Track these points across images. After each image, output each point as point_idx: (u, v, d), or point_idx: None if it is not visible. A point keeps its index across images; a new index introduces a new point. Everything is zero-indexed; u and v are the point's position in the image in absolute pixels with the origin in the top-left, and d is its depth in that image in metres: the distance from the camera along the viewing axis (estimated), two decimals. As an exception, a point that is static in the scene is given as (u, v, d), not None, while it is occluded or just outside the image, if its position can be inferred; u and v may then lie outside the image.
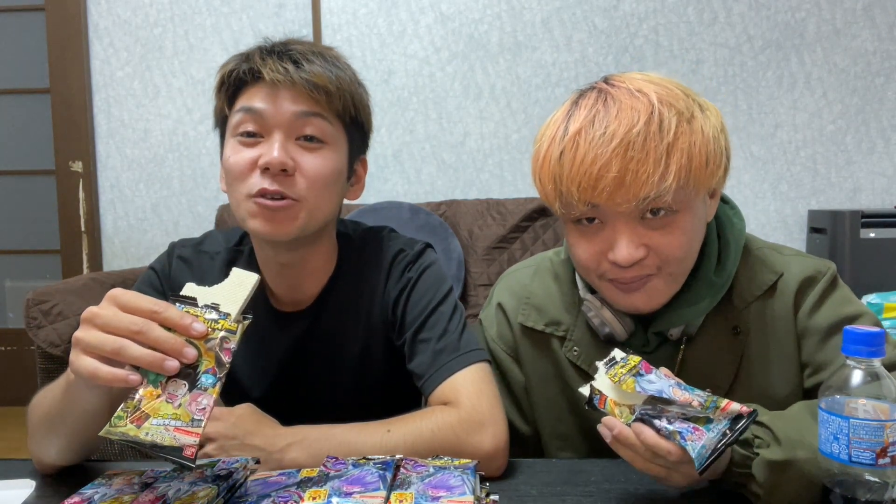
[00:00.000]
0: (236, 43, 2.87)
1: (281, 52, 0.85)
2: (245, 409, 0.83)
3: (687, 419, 0.65)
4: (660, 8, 2.72)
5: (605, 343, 0.87)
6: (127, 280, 2.08)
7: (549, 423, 0.92)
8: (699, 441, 0.62)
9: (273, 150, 0.82)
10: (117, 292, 0.66)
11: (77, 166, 2.96)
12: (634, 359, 0.71)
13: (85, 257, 2.98)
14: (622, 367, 0.70)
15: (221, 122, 0.90)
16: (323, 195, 0.86)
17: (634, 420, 0.65)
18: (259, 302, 0.94)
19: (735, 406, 0.64)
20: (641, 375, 0.69)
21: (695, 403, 0.65)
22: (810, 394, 0.83)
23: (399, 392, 0.97)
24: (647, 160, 0.71)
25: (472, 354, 0.86)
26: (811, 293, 0.84)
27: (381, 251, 0.96)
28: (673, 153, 0.72)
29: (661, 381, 0.68)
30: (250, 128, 0.85)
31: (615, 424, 0.66)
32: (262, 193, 0.83)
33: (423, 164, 2.83)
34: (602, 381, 0.70)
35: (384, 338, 0.96)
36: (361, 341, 0.96)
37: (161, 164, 2.95)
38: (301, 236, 0.87)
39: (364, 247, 0.98)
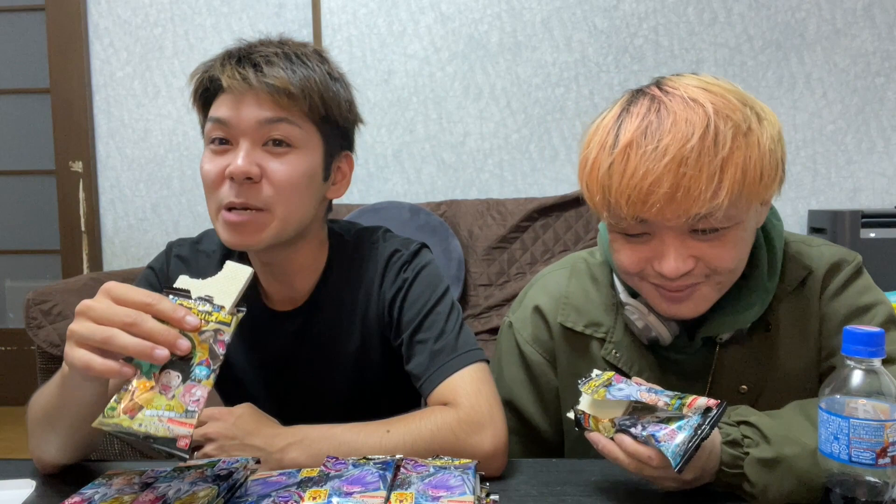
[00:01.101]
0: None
1: (242, 56, 0.84)
2: (245, 409, 0.83)
3: (661, 421, 0.66)
4: (660, 8, 2.72)
5: (645, 346, 0.86)
6: (127, 280, 2.08)
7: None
8: (672, 441, 0.63)
9: (238, 158, 0.82)
10: (111, 285, 0.66)
11: (77, 166, 2.96)
12: (608, 374, 0.74)
13: (85, 257, 2.98)
14: (596, 381, 0.73)
15: (202, 126, 0.90)
16: (293, 200, 0.85)
17: (616, 432, 0.68)
18: (253, 302, 0.94)
19: (702, 400, 0.66)
20: (612, 385, 0.72)
21: (660, 404, 0.67)
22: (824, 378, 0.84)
23: (398, 392, 0.98)
24: (701, 176, 0.68)
25: (470, 354, 0.86)
26: (836, 279, 0.84)
27: (376, 251, 0.96)
28: (727, 168, 0.69)
29: (630, 388, 0.71)
30: (219, 135, 0.85)
31: (598, 439, 0.69)
32: (230, 207, 0.83)
33: (423, 164, 2.83)
34: (584, 400, 0.73)
35: (381, 338, 0.96)
36: (357, 341, 0.95)
37: (161, 164, 2.95)
38: (276, 243, 0.87)
39: (358, 246, 0.97)
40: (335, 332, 0.95)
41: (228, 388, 1.00)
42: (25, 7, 3.04)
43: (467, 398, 0.81)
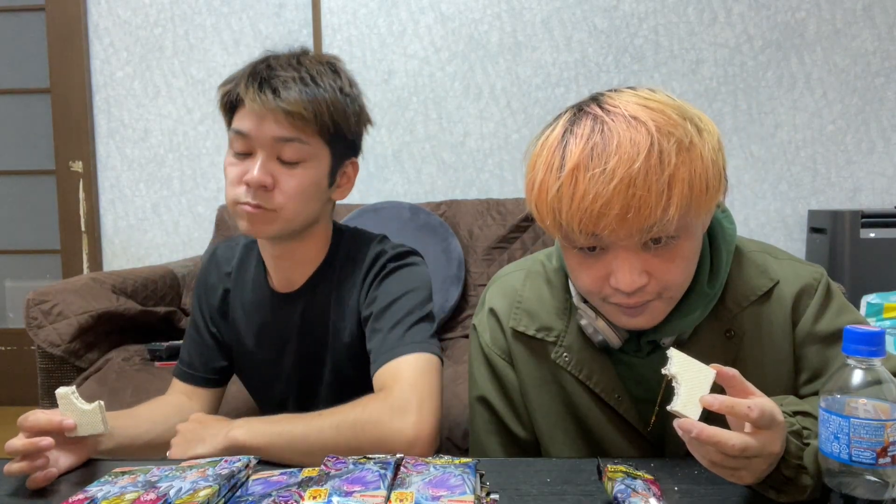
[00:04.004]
0: (236, 43, 2.87)
1: (263, 80, 0.94)
2: (201, 414, 0.96)
3: None
4: (660, 8, 2.72)
5: (597, 349, 0.87)
6: (126, 279, 2.08)
7: (547, 429, 0.91)
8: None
9: (254, 169, 0.94)
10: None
11: (77, 166, 2.96)
12: None
13: (85, 257, 2.98)
14: None
15: (228, 130, 1.02)
16: (299, 205, 0.97)
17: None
18: (261, 282, 1.10)
19: None
20: None
21: None
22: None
23: None
24: (650, 195, 0.70)
25: (416, 345, 0.93)
26: (810, 304, 0.85)
27: (368, 249, 1.06)
28: (674, 185, 0.70)
29: None
30: (240, 148, 0.97)
31: (692, 425, 0.62)
32: (246, 203, 0.96)
33: (423, 164, 2.83)
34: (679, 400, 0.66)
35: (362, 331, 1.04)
36: (347, 327, 1.05)
37: (161, 164, 2.95)
38: (281, 235, 1.00)
39: (355, 244, 1.08)
40: (328, 316, 1.06)
41: (243, 355, 1.13)
42: (25, 7, 3.04)
43: (399, 385, 0.88)
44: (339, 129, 0.98)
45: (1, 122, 3.11)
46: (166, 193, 2.95)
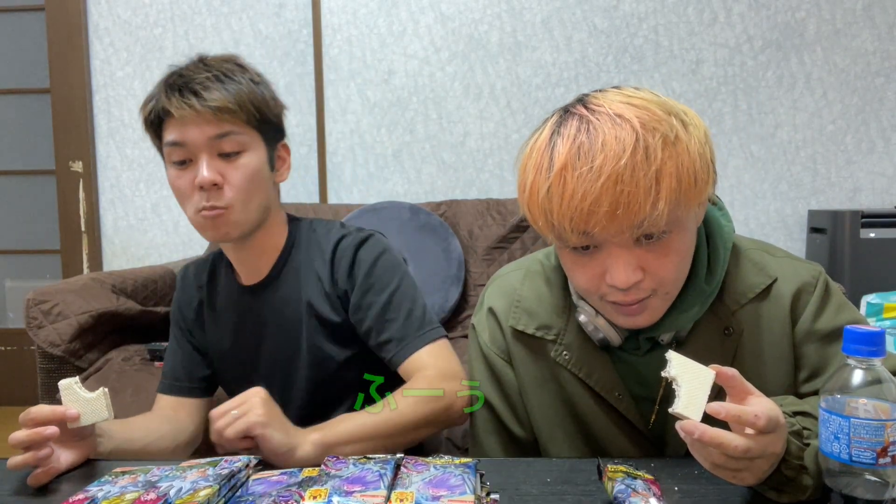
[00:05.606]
0: (236, 43, 2.87)
1: (182, 86, 0.99)
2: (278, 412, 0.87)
3: None
4: (660, 8, 2.72)
5: (596, 347, 0.87)
6: (126, 279, 2.08)
7: (547, 428, 0.91)
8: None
9: (202, 170, 0.98)
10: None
11: (77, 166, 2.96)
12: None
13: (85, 257, 2.98)
14: None
15: (158, 148, 1.06)
16: (250, 195, 1.02)
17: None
18: (229, 279, 1.15)
19: None
20: None
21: None
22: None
23: (360, 356, 1.11)
24: (638, 191, 0.70)
25: (433, 332, 1.04)
26: (809, 302, 0.84)
27: (329, 234, 1.11)
28: (662, 179, 0.71)
29: None
30: (181, 157, 1.01)
31: (695, 427, 0.62)
32: (203, 209, 1.00)
33: (423, 164, 2.83)
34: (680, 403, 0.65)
35: (338, 307, 1.08)
36: (320, 304, 1.08)
37: (161, 164, 2.93)
38: (244, 234, 1.04)
39: (314, 229, 1.12)
40: (298, 296, 1.09)
41: (228, 368, 1.15)
42: (25, 7, 3.04)
43: (436, 362, 1.00)
44: (264, 114, 1.04)
45: (1, 122, 3.11)
46: (166, 193, 2.95)
